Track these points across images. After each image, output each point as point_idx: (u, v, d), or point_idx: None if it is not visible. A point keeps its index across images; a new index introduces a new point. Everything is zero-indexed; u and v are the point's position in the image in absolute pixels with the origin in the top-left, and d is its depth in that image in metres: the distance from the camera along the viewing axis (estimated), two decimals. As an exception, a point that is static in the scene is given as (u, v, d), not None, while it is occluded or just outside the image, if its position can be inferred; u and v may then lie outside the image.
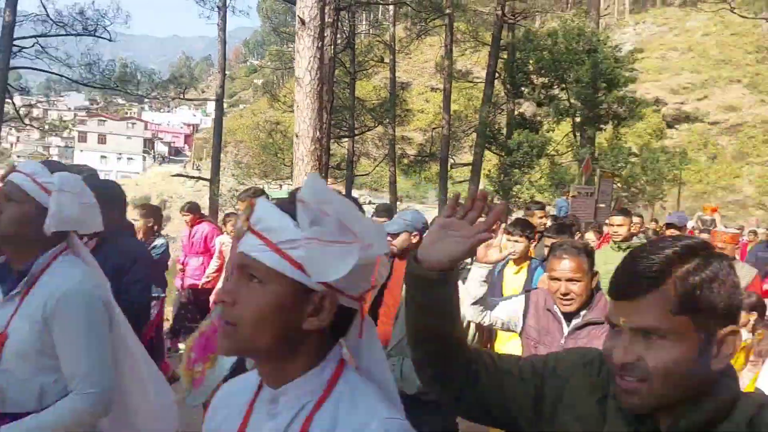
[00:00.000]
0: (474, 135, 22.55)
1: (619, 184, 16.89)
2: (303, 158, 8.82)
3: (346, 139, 24.72)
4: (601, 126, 17.85)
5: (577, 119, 17.64)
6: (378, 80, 32.55)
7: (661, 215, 29.36)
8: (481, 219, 1.20)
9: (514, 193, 19.68)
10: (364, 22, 46.90)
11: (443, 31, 23.18)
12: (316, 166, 8.90)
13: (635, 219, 6.73)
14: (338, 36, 19.64)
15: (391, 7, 25.24)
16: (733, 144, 39.88)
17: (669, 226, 6.68)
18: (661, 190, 17.36)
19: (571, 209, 12.49)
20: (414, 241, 3.32)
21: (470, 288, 2.87)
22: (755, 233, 11.99)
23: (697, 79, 43.06)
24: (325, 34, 12.69)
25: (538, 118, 19.69)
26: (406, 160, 25.11)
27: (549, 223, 6.31)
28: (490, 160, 22.79)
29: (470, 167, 22.29)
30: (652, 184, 16.77)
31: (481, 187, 22.02)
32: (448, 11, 21.96)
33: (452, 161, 24.44)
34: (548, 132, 18.87)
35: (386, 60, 26.22)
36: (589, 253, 2.77)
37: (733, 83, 42.00)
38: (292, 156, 8.40)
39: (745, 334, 3.61)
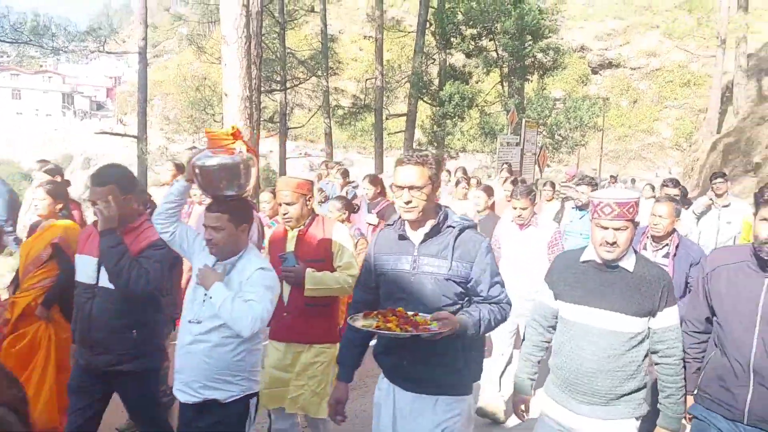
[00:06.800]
0: (407, 85, 22.65)
1: (543, 133, 17.57)
2: (233, 117, 8.93)
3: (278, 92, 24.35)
4: (528, 77, 18.31)
5: (505, 70, 18.04)
6: (309, 29, 31.90)
7: (584, 159, 30.70)
8: None
9: (447, 144, 20.15)
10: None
11: (373, -22, 22.86)
12: (247, 124, 9.02)
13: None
14: (266, -14, 19.08)
15: (319, -46, 24.61)
16: (652, 88, 41.49)
17: None
18: (583, 136, 18.11)
19: (498, 157, 13.07)
20: None
21: None
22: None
23: (619, 26, 44.18)
24: (252, -13, 12.51)
25: (468, 69, 19.96)
26: (341, 111, 25.00)
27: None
28: (424, 111, 23.07)
29: (405, 118, 22.50)
30: (575, 131, 17.49)
31: (416, 137, 22.39)
32: (376, -42, 21.66)
33: (387, 112, 24.53)
34: (478, 83, 19.20)
35: (317, 9, 25.69)
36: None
37: (653, 29, 43.33)
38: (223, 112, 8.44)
39: None
